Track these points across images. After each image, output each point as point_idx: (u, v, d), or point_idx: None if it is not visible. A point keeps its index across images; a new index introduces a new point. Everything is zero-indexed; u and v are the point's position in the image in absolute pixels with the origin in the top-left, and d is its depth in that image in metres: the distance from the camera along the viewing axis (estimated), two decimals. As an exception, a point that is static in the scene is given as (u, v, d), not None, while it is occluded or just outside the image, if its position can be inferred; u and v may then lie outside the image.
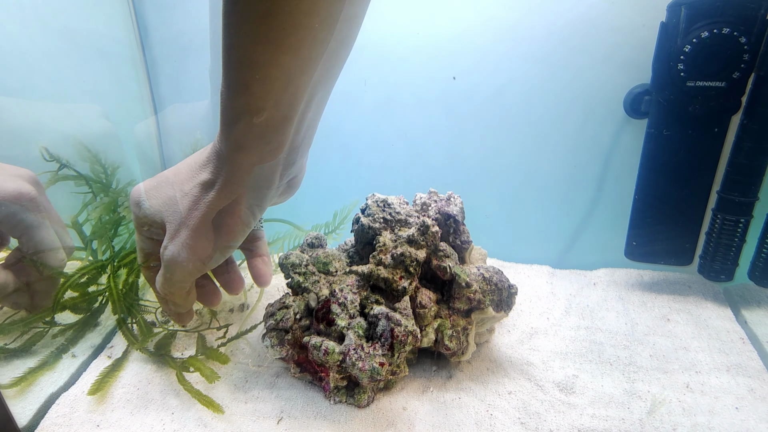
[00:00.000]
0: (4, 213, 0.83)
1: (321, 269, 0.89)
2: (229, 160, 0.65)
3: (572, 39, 1.10)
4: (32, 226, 0.86)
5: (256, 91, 0.57)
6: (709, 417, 0.79)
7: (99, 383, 0.81)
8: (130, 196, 0.78)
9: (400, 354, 0.77)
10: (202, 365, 0.83)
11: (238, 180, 0.67)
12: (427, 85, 1.19)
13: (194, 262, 0.74)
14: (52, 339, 0.90)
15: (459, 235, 0.91)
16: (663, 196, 1.05)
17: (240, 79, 0.56)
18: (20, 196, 0.84)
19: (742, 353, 0.94)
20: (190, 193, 0.70)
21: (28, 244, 0.87)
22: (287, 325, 0.82)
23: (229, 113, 0.60)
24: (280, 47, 0.53)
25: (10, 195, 0.84)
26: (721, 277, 1.05)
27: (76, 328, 0.93)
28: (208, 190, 0.69)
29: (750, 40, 0.89)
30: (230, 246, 0.75)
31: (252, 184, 0.68)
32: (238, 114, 0.60)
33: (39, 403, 0.77)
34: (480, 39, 1.13)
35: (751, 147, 0.96)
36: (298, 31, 0.52)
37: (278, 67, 0.55)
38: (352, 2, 0.56)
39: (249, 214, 0.72)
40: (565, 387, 0.85)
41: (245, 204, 0.70)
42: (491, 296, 0.85)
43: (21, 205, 0.85)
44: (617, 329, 1.01)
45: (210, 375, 0.81)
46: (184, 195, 0.71)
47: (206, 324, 1.00)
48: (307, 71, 0.57)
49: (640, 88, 1.08)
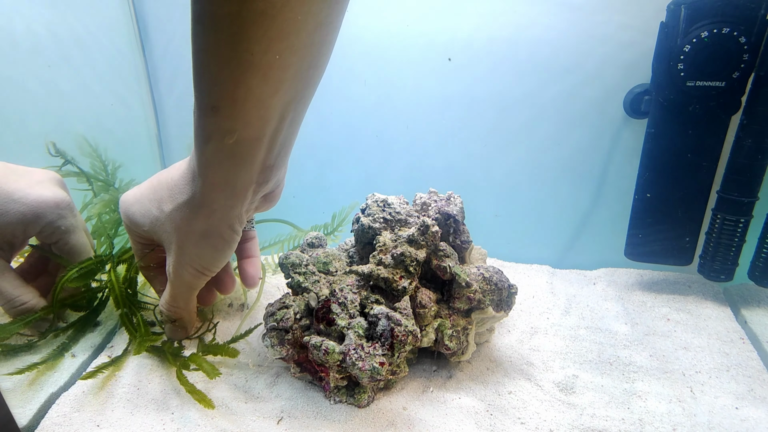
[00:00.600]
0: (46, 221, 0.84)
1: (321, 269, 0.89)
2: (202, 178, 0.66)
3: (573, 39, 1.10)
4: (68, 231, 0.87)
5: (226, 113, 0.57)
6: (709, 417, 0.79)
7: (94, 373, 0.82)
8: (119, 204, 0.80)
9: (400, 354, 0.77)
10: (203, 362, 0.83)
11: (212, 199, 0.68)
12: (427, 85, 1.19)
13: (194, 277, 0.77)
14: (54, 338, 0.91)
15: (459, 234, 0.91)
16: (663, 195, 1.05)
17: (210, 101, 0.57)
18: (59, 203, 0.85)
19: (742, 353, 0.94)
20: (171, 216, 0.72)
21: (63, 249, 0.88)
22: (287, 325, 0.82)
23: (201, 133, 0.61)
24: (248, 70, 0.53)
25: (52, 203, 0.84)
26: (721, 277, 1.05)
27: (76, 327, 0.93)
28: (186, 210, 0.71)
29: (750, 40, 0.89)
30: (219, 260, 0.77)
31: (224, 203, 0.69)
32: (208, 134, 0.60)
33: (39, 403, 0.77)
34: (480, 39, 1.13)
35: (751, 147, 0.96)
36: (266, 55, 0.52)
37: (247, 90, 0.55)
38: (323, 29, 0.56)
39: (229, 231, 0.73)
40: (565, 387, 0.85)
41: (224, 222, 0.71)
42: (491, 296, 0.85)
43: (59, 211, 0.85)
44: (617, 329, 1.01)
45: (210, 371, 0.81)
46: (166, 217, 0.73)
47: (206, 325, 1.00)
48: (277, 93, 0.57)
49: (640, 88, 1.08)
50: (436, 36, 1.14)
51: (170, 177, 0.73)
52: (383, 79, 1.20)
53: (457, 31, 1.13)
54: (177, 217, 0.71)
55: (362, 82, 1.20)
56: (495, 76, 1.16)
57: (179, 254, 0.74)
